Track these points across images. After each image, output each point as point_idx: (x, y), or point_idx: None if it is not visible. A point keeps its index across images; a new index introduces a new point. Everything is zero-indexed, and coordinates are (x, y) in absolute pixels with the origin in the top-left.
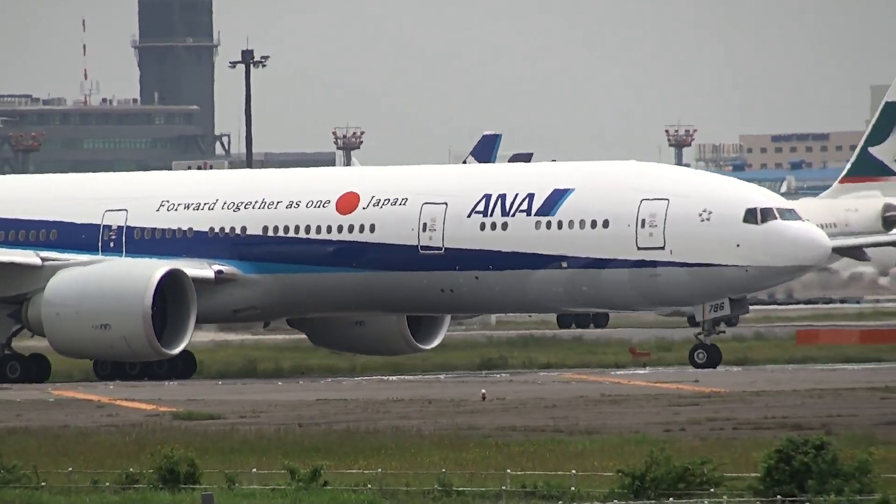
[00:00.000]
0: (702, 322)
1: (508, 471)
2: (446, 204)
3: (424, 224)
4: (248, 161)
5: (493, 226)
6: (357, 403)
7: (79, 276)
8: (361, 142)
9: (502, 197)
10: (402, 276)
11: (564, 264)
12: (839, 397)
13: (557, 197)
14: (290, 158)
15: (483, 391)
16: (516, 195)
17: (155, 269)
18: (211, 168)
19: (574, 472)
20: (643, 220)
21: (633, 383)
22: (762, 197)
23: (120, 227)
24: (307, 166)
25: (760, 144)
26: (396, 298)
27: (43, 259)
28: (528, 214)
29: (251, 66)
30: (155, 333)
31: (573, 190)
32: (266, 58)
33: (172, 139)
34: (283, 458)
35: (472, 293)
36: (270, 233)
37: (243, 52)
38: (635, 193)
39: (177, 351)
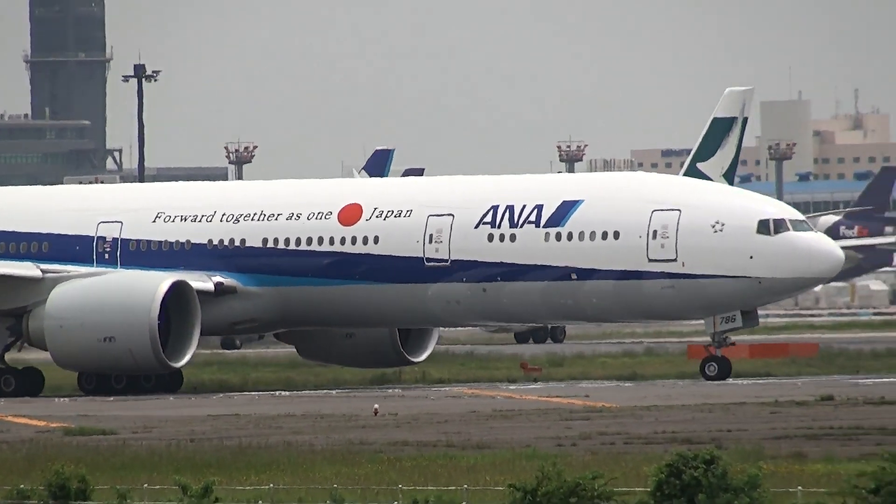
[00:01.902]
0: (712, 334)
1: (400, 486)
2: (453, 215)
3: (430, 236)
4: (140, 175)
5: (502, 237)
6: (249, 419)
7: (82, 289)
8: (253, 156)
9: (510, 208)
10: (406, 288)
11: (574, 276)
12: (729, 412)
13: (567, 208)
14: (182, 173)
15: (376, 406)
16: (524, 206)
17: (160, 281)
18: (102, 183)
19: (466, 486)
20: (655, 232)
21: (525, 398)
22: (774, 208)
23: (115, 239)
24: (199, 180)
25: (651, 159)
26: (400, 311)
27: (43, 271)
28: (537, 226)
29: (143, 80)
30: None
31: (582, 201)
32: (158, 72)
33: (64, 154)
34: (175, 473)
35: (479, 305)
36: (271, 244)
37: (135, 66)
38: (646, 204)
39: (181, 364)
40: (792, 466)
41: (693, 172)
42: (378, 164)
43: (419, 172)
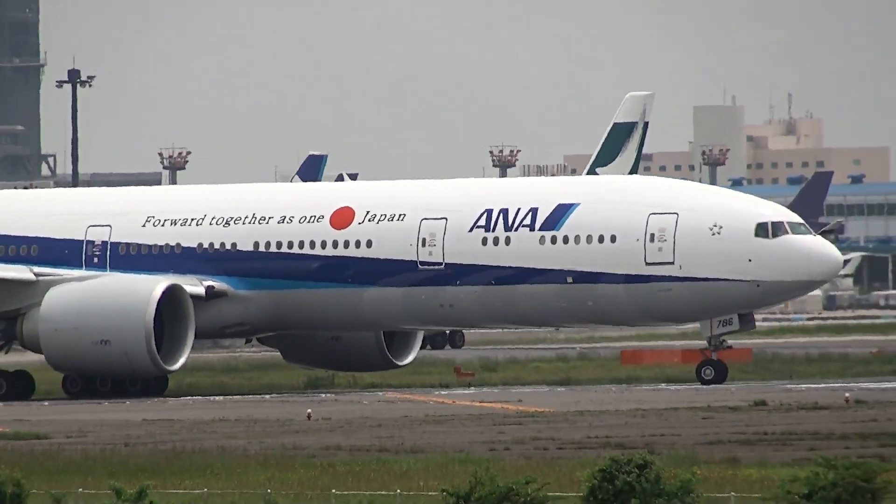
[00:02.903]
0: (709, 338)
1: (334, 491)
2: (446, 219)
3: (424, 239)
4: (74, 181)
5: (496, 241)
6: (183, 423)
7: (77, 292)
8: (187, 161)
9: (504, 212)
10: (399, 291)
11: (570, 279)
12: (662, 417)
13: (562, 212)
14: (117, 179)
15: (309, 411)
16: (519, 210)
17: (155, 284)
18: (36, 189)
19: (399, 491)
20: (652, 235)
21: (458, 403)
22: (771, 211)
23: (104, 243)
24: (133, 186)
25: (584, 165)
26: (393, 314)
27: (37, 274)
28: (532, 229)
29: (77, 85)
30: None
31: (578, 204)
32: (92, 77)
33: None
34: (110, 478)
35: (472, 308)
36: (262, 248)
37: (70, 71)
38: (643, 207)
39: (176, 367)
40: (725, 471)
41: None
42: (311, 170)
43: (353, 177)
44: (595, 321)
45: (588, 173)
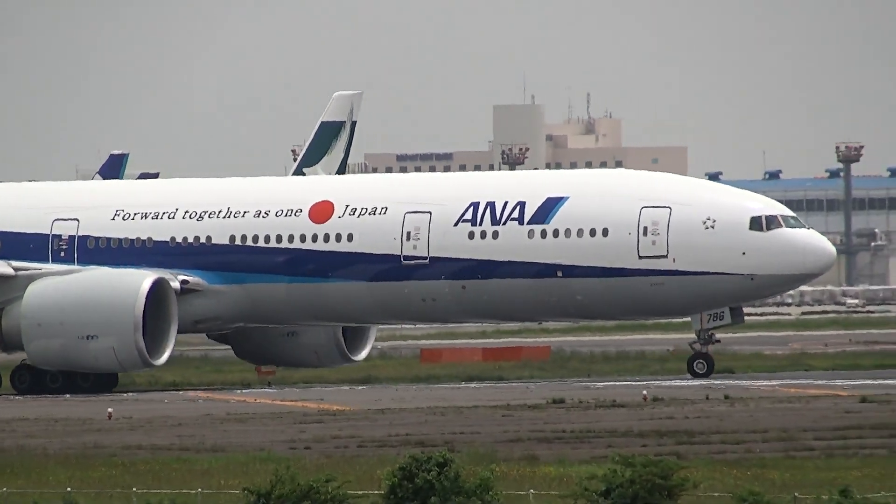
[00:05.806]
0: (699, 331)
1: (135, 489)
2: (430, 213)
3: (408, 233)
4: None
5: (483, 234)
6: None
7: (60, 286)
8: None
9: (491, 205)
10: (382, 285)
11: (560, 273)
12: (462, 415)
13: (551, 205)
14: None
15: (110, 410)
16: (506, 203)
17: (143, 278)
18: None
19: (200, 490)
20: (645, 228)
21: (259, 401)
22: (762, 204)
23: (71, 237)
24: None
25: (386, 164)
26: (374, 308)
27: (15, 269)
28: (521, 223)
29: None
30: None
31: (567, 198)
32: None
33: None
34: None
35: (456, 302)
36: (238, 242)
37: None
38: (635, 201)
39: (161, 361)
40: (524, 469)
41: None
42: (113, 169)
43: (154, 176)
44: (588, 315)
45: (295, 173)
